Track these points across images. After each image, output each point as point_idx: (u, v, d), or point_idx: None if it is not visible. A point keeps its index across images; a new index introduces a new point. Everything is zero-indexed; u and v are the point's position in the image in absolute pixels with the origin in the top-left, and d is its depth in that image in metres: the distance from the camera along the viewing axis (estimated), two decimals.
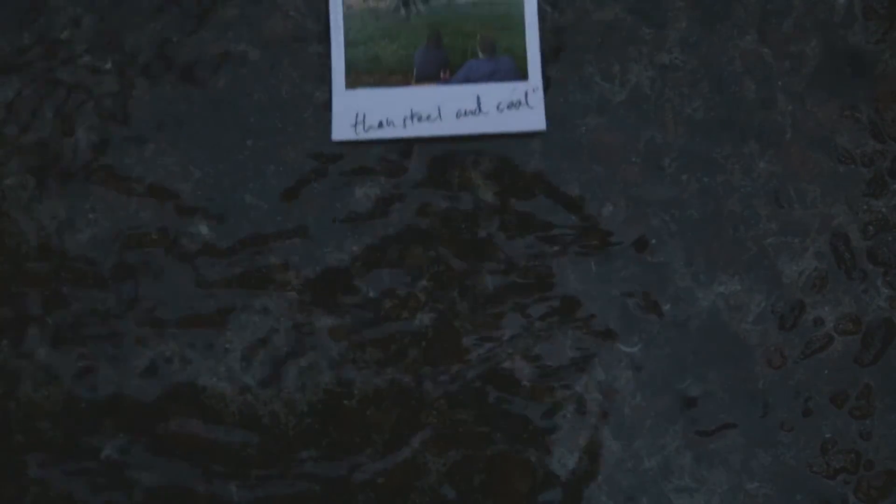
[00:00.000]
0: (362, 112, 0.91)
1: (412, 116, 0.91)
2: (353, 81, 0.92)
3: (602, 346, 0.92)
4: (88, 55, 0.93)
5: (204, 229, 0.93)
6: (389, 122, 0.91)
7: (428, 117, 0.91)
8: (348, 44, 0.92)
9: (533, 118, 0.92)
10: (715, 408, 0.92)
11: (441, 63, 0.93)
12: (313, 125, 0.93)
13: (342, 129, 0.91)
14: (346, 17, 0.92)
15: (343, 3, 0.93)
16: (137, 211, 0.93)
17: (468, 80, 0.92)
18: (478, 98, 0.92)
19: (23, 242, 0.92)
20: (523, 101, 0.92)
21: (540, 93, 0.92)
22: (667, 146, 0.93)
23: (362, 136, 0.91)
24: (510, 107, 0.91)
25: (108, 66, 0.93)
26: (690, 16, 0.93)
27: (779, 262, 0.93)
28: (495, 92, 0.92)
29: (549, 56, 0.93)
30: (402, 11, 0.94)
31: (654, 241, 0.93)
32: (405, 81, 0.92)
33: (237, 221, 0.93)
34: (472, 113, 0.92)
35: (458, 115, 0.92)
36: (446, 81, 0.92)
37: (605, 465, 0.91)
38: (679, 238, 0.93)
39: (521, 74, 0.92)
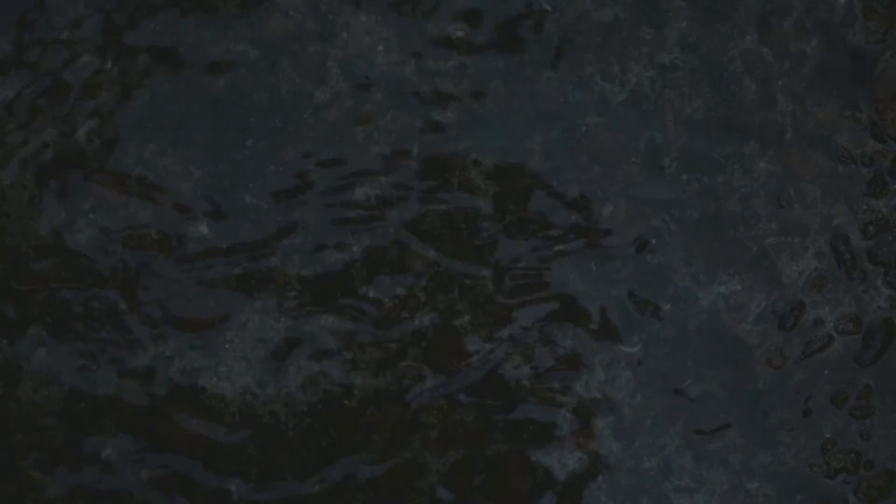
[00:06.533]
0: None
1: None
2: None
3: (602, 346, 0.92)
4: (88, 55, 0.93)
5: (204, 229, 0.93)
6: None
7: None
8: None
9: None
10: (715, 408, 0.92)
11: None
12: (313, 125, 0.93)
13: None
14: None
15: None
16: (137, 211, 0.93)
17: None
18: None
19: (23, 242, 0.92)
20: None
21: None
22: (667, 146, 0.93)
23: None
24: None
25: (109, 65, 0.93)
26: (690, 16, 0.93)
27: (779, 262, 0.93)
28: None
29: (549, 56, 0.94)
30: None
31: (654, 241, 0.93)
32: None
33: (237, 221, 0.93)
34: None
35: None
36: None
37: (605, 465, 0.91)
38: (679, 238, 0.93)
39: None
